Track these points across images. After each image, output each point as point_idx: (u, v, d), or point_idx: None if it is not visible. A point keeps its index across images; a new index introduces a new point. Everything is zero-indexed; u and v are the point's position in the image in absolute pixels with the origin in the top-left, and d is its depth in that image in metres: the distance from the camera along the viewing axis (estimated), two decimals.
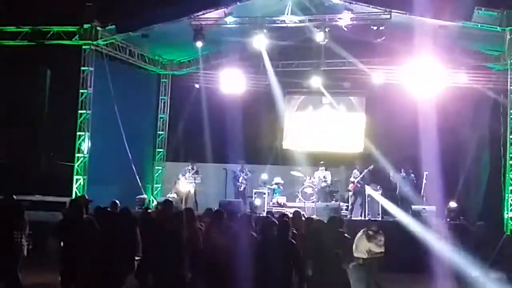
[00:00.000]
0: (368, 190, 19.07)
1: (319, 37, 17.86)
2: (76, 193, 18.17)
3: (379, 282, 12.38)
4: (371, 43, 18.14)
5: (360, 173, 19.49)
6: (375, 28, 17.27)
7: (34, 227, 11.20)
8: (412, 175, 19.14)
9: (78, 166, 18.46)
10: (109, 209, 11.30)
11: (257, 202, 19.45)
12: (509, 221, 16.64)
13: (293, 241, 8.57)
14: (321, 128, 23.23)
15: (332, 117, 23.16)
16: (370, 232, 12.40)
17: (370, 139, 22.20)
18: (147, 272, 9.49)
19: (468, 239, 15.83)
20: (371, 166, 19.33)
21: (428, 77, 18.54)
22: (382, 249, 12.38)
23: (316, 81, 21.22)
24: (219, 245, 9.01)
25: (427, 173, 18.29)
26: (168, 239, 8.97)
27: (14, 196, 11.46)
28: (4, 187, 16.46)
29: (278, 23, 18.27)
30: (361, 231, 12.49)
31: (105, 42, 18.90)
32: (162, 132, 23.55)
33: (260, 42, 18.48)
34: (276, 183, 20.77)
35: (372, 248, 12.30)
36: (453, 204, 18.11)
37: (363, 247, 12.29)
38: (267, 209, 19.31)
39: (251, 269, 8.11)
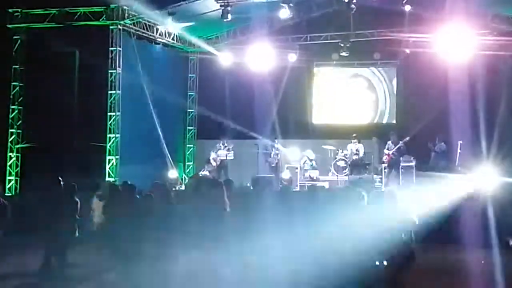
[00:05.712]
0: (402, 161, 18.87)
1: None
2: (109, 173, 18.28)
3: None
4: (401, 12, 17.84)
5: (395, 145, 19.26)
6: None
7: None
8: (444, 144, 18.85)
9: (110, 146, 18.55)
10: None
11: (286, 175, 19.38)
12: None
13: None
14: (351, 100, 23.00)
15: (362, 89, 22.90)
16: None
17: (402, 109, 21.96)
18: None
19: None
20: (407, 138, 19.00)
21: (459, 44, 18.19)
22: None
23: (345, 53, 20.98)
24: None
25: (461, 142, 18.01)
26: None
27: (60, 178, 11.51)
28: (37, 170, 16.57)
29: None
30: None
31: (132, 22, 18.86)
32: (192, 110, 23.48)
33: (288, 15, 18.32)
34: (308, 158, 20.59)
35: None
36: None
37: None
38: (300, 183, 19.28)
39: None
